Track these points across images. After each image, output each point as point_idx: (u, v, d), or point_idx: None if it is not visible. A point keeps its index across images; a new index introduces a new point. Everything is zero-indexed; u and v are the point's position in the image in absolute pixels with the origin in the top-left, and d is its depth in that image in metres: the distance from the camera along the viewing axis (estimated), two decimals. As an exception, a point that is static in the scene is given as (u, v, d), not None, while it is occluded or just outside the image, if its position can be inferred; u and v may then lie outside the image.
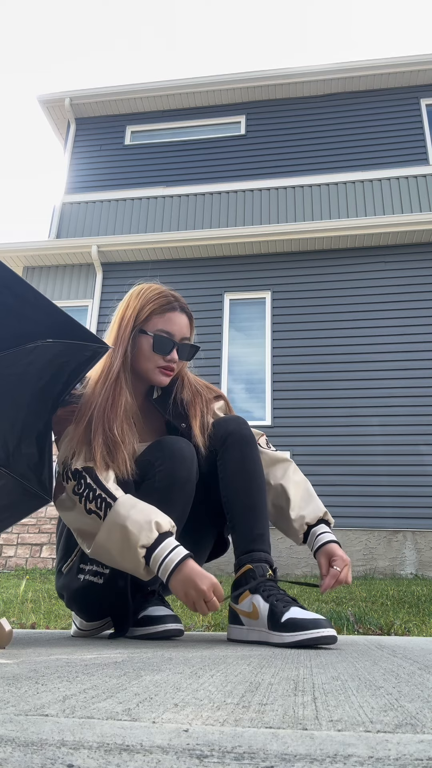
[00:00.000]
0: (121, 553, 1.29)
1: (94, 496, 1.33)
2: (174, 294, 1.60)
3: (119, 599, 1.45)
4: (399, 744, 0.43)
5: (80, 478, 1.36)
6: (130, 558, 1.28)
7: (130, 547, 1.27)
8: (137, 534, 1.26)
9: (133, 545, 1.26)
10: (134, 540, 1.26)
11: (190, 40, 60.56)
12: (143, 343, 1.54)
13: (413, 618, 2.86)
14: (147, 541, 1.26)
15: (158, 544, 1.27)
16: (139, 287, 1.61)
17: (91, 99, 9.31)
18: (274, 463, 1.58)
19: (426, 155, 8.33)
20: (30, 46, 66.15)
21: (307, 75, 8.80)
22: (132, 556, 1.27)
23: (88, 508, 1.33)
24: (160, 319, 1.54)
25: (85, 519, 1.34)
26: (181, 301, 1.60)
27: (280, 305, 7.43)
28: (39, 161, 57.85)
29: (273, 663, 0.93)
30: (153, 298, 1.56)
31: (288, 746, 0.42)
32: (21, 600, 3.53)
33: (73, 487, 1.37)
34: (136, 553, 1.26)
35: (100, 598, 1.48)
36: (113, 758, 0.41)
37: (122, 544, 1.28)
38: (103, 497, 1.32)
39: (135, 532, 1.26)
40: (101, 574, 1.47)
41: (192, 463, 1.45)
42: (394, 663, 0.97)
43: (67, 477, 1.39)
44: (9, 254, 7.89)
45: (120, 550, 1.29)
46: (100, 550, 1.32)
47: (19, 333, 1.27)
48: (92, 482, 1.35)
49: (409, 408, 6.69)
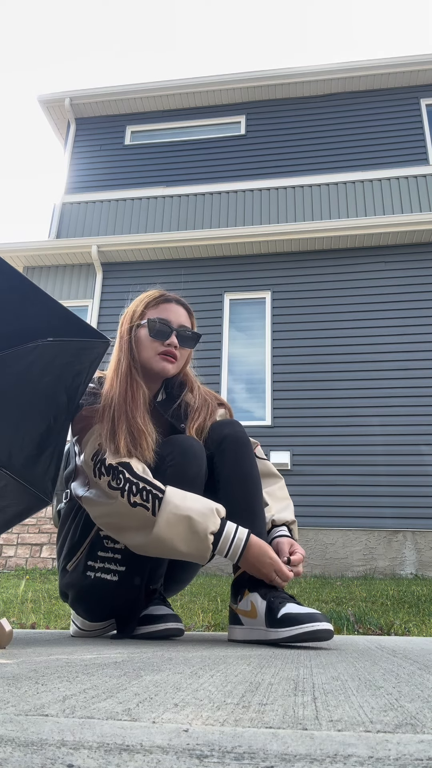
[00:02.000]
0: (186, 542, 1.31)
1: (138, 489, 1.34)
2: (170, 292, 1.67)
3: (132, 597, 1.47)
4: (399, 744, 0.43)
5: (117, 473, 1.38)
6: (196, 545, 1.31)
7: (199, 534, 1.30)
8: (204, 522, 1.30)
9: (202, 533, 1.30)
10: (202, 528, 1.30)
11: (190, 40, 60.56)
12: (141, 334, 1.60)
13: (413, 618, 2.86)
14: (215, 528, 1.31)
15: (223, 528, 1.32)
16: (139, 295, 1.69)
17: (91, 99, 9.32)
18: (265, 475, 1.62)
19: (426, 155, 8.33)
20: (30, 46, 66.15)
21: (307, 75, 8.80)
22: (200, 543, 1.31)
23: (133, 502, 1.34)
24: (154, 310, 1.62)
25: (130, 512, 1.35)
26: (177, 296, 1.67)
27: (280, 305, 7.43)
28: (39, 161, 57.86)
29: (273, 663, 0.93)
30: (148, 295, 1.65)
31: (288, 746, 0.42)
32: (21, 600, 3.53)
33: (108, 482, 1.38)
34: (206, 540, 1.30)
35: (112, 595, 1.49)
36: (113, 758, 0.41)
37: (188, 534, 1.31)
38: (149, 489, 1.34)
39: (201, 520, 1.30)
40: (115, 571, 1.47)
41: (202, 461, 1.47)
42: (394, 663, 0.97)
43: (101, 473, 1.40)
44: (9, 254, 7.89)
45: (185, 539, 1.31)
46: (157, 543, 1.33)
47: (19, 330, 1.27)
48: (131, 476, 1.37)
49: (409, 408, 6.69)
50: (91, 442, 1.45)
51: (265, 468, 1.63)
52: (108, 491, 1.38)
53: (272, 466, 1.66)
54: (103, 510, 1.40)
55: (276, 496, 1.61)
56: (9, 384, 1.33)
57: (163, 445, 1.49)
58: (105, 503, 1.40)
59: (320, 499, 6.41)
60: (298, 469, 6.61)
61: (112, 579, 1.47)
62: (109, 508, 1.39)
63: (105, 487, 1.39)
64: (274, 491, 1.61)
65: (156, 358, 1.58)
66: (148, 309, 1.61)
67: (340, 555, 6.22)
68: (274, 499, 1.60)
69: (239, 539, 1.32)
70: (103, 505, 1.40)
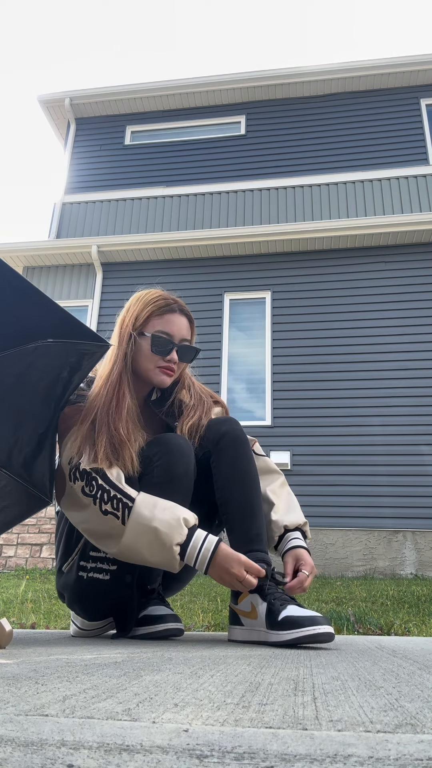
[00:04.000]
0: (152, 553, 1.31)
1: (109, 497, 1.33)
2: (174, 298, 1.62)
3: (125, 594, 1.46)
4: (399, 744, 0.43)
5: (90, 479, 1.36)
6: (163, 556, 1.30)
7: (164, 546, 1.29)
8: (169, 533, 1.29)
9: (168, 544, 1.29)
10: (167, 539, 1.29)
11: (190, 40, 60.54)
12: (143, 345, 1.56)
13: (413, 618, 2.86)
14: (180, 539, 1.29)
15: (189, 539, 1.30)
16: (140, 293, 1.63)
17: (91, 99, 9.32)
18: (265, 472, 1.61)
19: (426, 155, 8.33)
20: (30, 46, 66.13)
21: (307, 75, 8.80)
22: (166, 554, 1.30)
23: (104, 509, 1.33)
24: (158, 321, 1.57)
25: (101, 520, 1.34)
26: (181, 303, 1.62)
27: (280, 305, 7.43)
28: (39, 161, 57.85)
29: (273, 663, 0.93)
30: (151, 301, 1.59)
31: (288, 746, 0.42)
32: (21, 600, 3.53)
33: (82, 487, 1.37)
34: (171, 551, 1.29)
35: (105, 594, 1.49)
36: (113, 758, 0.41)
37: (154, 545, 1.30)
38: (119, 498, 1.33)
39: (166, 531, 1.29)
40: (106, 570, 1.47)
41: (189, 458, 1.46)
42: (394, 663, 0.97)
43: (75, 477, 1.39)
44: (9, 254, 7.89)
45: (151, 550, 1.30)
46: (127, 552, 1.33)
47: (19, 331, 1.26)
48: (104, 483, 1.35)
49: (409, 408, 6.69)
50: (70, 445, 1.43)
51: (265, 464, 1.62)
52: (81, 497, 1.38)
53: (272, 462, 1.65)
54: (80, 516, 1.40)
55: (280, 495, 1.59)
56: (9, 385, 1.33)
57: (150, 444, 1.48)
58: (80, 509, 1.39)
59: (320, 499, 6.41)
60: (298, 469, 6.61)
61: (104, 578, 1.48)
62: (83, 515, 1.38)
63: (79, 492, 1.38)
64: (275, 489, 1.59)
65: (155, 370, 1.56)
66: (152, 318, 1.57)
67: (340, 555, 6.22)
68: (279, 497, 1.58)
69: (206, 552, 1.30)
70: (79, 511, 1.40)
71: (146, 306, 1.58)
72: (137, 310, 1.58)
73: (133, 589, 1.47)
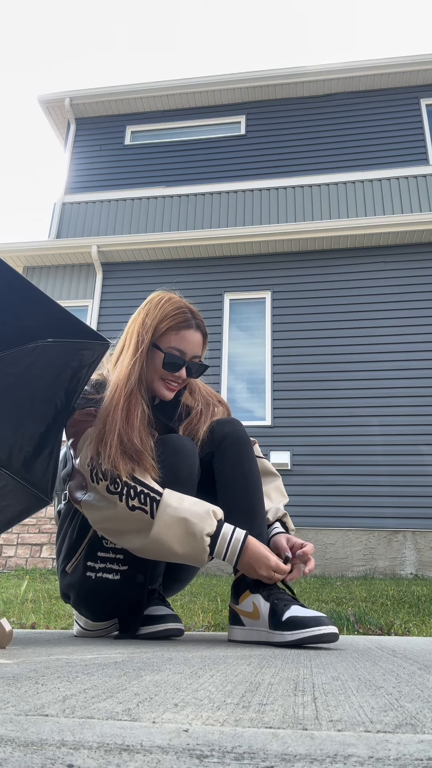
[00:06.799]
0: (182, 544, 1.31)
1: (136, 493, 1.34)
2: (192, 310, 1.59)
3: (136, 594, 1.47)
4: (399, 744, 0.43)
5: (114, 476, 1.37)
6: (193, 546, 1.31)
7: (195, 536, 1.30)
8: (200, 524, 1.30)
9: (198, 535, 1.30)
10: (199, 530, 1.30)
11: (190, 40, 60.52)
12: (155, 358, 1.55)
13: (413, 618, 2.86)
14: (211, 529, 1.31)
15: (219, 530, 1.32)
16: (159, 296, 1.60)
17: (91, 99, 9.31)
18: (262, 474, 1.61)
19: (426, 155, 8.33)
20: (30, 46, 66.12)
21: (307, 75, 8.80)
22: (197, 545, 1.31)
23: (131, 505, 1.34)
24: (174, 336, 1.55)
25: (129, 516, 1.34)
26: (198, 317, 1.60)
27: (280, 305, 7.43)
28: (39, 161, 57.83)
29: (273, 663, 0.93)
30: (171, 313, 1.56)
31: (288, 746, 0.42)
32: (21, 600, 3.53)
33: (107, 486, 1.37)
34: (202, 542, 1.30)
35: (115, 594, 1.49)
36: (113, 758, 0.41)
37: (185, 536, 1.31)
38: (146, 492, 1.34)
39: (197, 522, 1.30)
40: (117, 570, 1.48)
41: (194, 459, 1.47)
42: (394, 663, 0.97)
43: (99, 477, 1.39)
44: (9, 254, 7.89)
45: (182, 541, 1.31)
46: (154, 545, 1.33)
47: (19, 331, 1.26)
48: (129, 480, 1.36)
49: (409, 408, 6.69)
50: (86, 447, 1.44)
51: (263, 466, 1.63)
52: (107, 495, 1.38)
53: (269, 464, 1.66)
54: (104, 514, 1.40)
55: (273, 498, 1.61)
56: (9, 384, 1.33)
57: (155, 445, 1.48)
58: (105, 507, 1.39)
59: (320, 499, 6.41)
60: (298, 469, 6.61)
61: (114, 578, 1.48)
62: (108, 513, 1.38)
63: (104, 491, 1.38)
64: (269, 491, 1.61)
65: (160, 383, 1.55)
66: (169, 332, 1.54)
67: (340, 555, 6.22)
68: (272, 501, 1.60)
69: (236, 540, 1.32)
70: (103, 509, 1.39)
71: (165, 318, 1.55)
72: (156, 320, 1.55)
73: (144, 589, 1.47)
